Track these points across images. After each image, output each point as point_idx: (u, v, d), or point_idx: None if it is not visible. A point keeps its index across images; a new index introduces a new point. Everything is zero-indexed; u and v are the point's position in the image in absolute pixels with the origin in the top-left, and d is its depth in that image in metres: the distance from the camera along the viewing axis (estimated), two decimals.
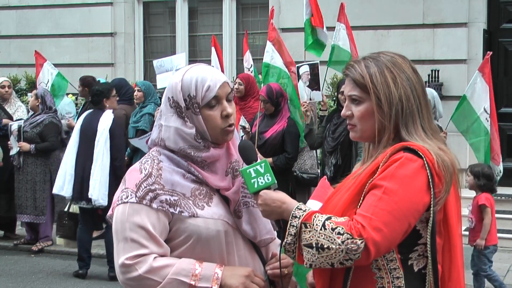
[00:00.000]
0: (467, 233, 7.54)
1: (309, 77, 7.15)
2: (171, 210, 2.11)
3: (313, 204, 2.48)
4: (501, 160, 6.52)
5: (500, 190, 8.55)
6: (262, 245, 2.29)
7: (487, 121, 6.27)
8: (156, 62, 8.38)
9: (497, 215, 8.02)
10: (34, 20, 11.57)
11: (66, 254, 7.75)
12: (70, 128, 8.21)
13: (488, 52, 6.67)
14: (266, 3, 10.25)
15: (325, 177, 2.68)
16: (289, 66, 7.18)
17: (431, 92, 6.54)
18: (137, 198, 2.10)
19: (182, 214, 2.12)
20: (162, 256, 2.10)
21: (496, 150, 6.36)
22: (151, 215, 2.10)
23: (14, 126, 7.73)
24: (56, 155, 7.93)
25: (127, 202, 2.11)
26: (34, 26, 11.57)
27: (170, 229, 2.14)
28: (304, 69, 7.24)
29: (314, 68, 7.20)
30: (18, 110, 8.46)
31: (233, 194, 2.20)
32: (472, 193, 6.08)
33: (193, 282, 2.06)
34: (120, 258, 2.09)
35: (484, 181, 5.84)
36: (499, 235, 7.66)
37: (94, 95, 6.91)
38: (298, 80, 7.05)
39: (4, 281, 6.71)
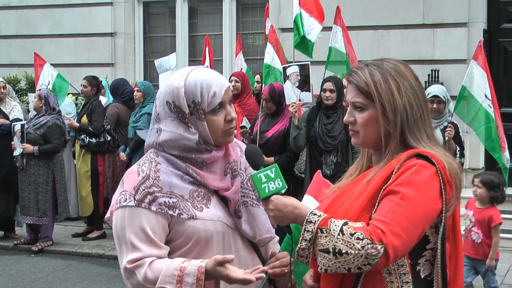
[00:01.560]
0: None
1: (299, 78, 7.13)
2: (170, 212, 2.11)
3: (309, 200, 2.48)
4: (506, 147, 6.32)
5: None
6: (261, 245, 2.29)
7: (490, 107, 6.18)
8: (157, 62, 8.44)
9: None
10: (34, 20, 11.56)
11: (66, 254, 7.77)
12: (71, 128, 8.21)
13: (480, 39, 6.64)
14: (266, 3, 10.24)
15: (319, 171, 2.67)
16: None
17: (443, 88, 6.52)
18: (135, 201, 2.10)
19: (181, 216, 2.12)
20: (160, 257, 2.10)
21: (502, 137, 6.23)
22: (150, 218, 2.09)
23: (17, 126, 7.71)
24: (59, 156, 7.96)
25: (125, 205, 2.11)
26: (34, 26, 11.56)
27: (169, 231, 2.14)
28: (293, 69, 7.21)
29: (304, 69, 7.18)
30: (14, 110, 8.46)
31: (233, 194, 2.20)
32: (470, 193, 5.88)
33: None
34: (122, 262, 2.11)
35: (500, 192, 5.49)
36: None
37: None
38: (285, 81, 6.95)
39: (4, 281, 6.71)
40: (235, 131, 2.27)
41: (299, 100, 6.80)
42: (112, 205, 2.18)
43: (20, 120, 8.10)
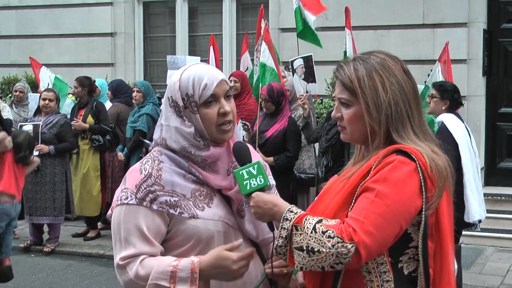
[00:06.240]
0: (467, 233, 7.55)
1: (304, 70, 7.25)
2: (171, 211, 2.11)
3: None
4: None
5: (500, 190, 8.55)
6: (263, 244, 2.28)
7: None
8: (169, 58, 8.38)
9: (496, 215, 8.03)
10: (34, 20, 11.56)
11: (66, 254, 7.77)
12: (80, 129, 8.13)
13: (446, 41, 6.78)
14: (266, 3, 10.25)
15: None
16: (277, 65, 7.26)
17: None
18: (137, 200, 2.11)
19: (182, 215, 2.12)
20: (152, 255, 2.10)
21: None
22: (147, 216, 2.10)
23: (28, 127, 7.67)
24: (67, 155, 7.99)
25: (126, 203, 2.12)
26: (34, 26, 11.56)
27: (169, 230, 2.14)
28: (298, 62, 7.33)
29: (308, 61, 7.29)
30: (4, 110, 8.45)
31: (236, 194, 2.20)
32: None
33: (172, 286, 2.04)
34: (115, 258, 2.13)
35: None
36: (499, 235, 7.67)
37: None
38: (293, 74, 7.20)
39: None
40: (235, 127, 2.26)
41: (306, 92, 6.98)
42: (113, 202, 2.20)
43: (11, 120, 8.07)
